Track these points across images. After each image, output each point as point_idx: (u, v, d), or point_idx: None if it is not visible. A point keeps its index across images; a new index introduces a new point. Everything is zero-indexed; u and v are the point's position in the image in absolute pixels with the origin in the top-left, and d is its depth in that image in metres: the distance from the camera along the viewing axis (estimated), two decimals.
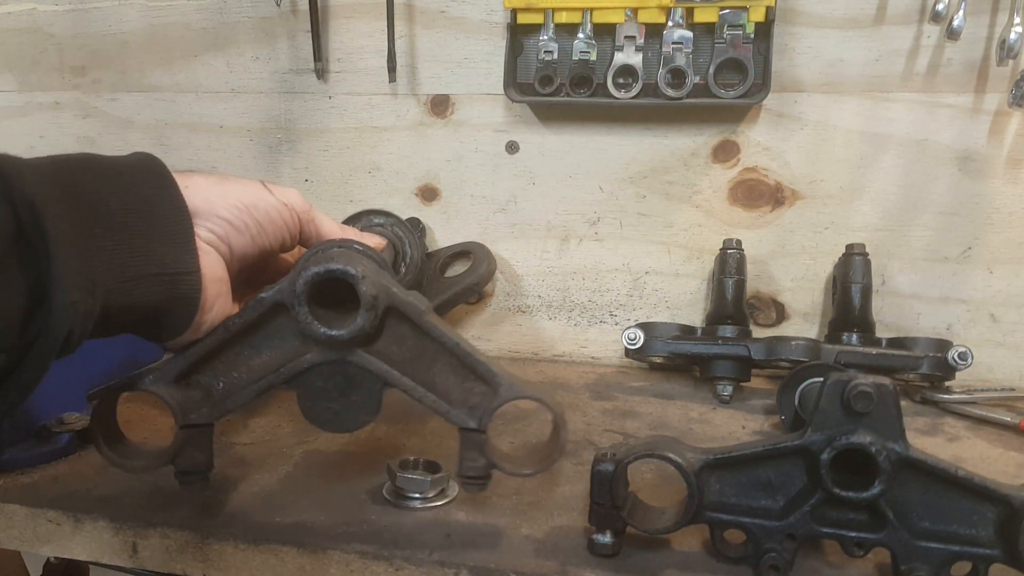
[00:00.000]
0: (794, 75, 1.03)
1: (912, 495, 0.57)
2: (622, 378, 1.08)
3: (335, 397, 0.62)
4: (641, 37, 1.00)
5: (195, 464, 0.62)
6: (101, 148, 1.25)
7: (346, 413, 0.62)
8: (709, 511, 0.59)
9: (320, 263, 0.57)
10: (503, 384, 0.60)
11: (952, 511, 0.57)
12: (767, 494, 0.59)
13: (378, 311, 0.58)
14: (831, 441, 0.56)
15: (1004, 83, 0.97)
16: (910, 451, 0.56)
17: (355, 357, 0.60)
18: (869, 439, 0.55)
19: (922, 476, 0.57)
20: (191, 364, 0.62)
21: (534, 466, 0.61)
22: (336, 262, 0.57)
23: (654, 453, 0.60)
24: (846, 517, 0.58)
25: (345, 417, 0.62)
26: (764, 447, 0.59)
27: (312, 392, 0.62)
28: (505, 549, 0.62)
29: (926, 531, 0.57)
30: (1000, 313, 1.03)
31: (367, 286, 0.57)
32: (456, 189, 1.15)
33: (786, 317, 1.09)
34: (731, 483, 0.60)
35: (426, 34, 1.11)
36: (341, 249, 0.63)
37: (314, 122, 1.18)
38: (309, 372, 0.61)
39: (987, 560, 0.56)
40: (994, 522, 0.56)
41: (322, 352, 0.60)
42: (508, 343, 1.17)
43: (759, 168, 1.06)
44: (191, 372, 0.63)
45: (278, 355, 0.62)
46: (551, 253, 1.14)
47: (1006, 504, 0.55)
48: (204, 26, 1.18)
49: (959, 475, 0.56)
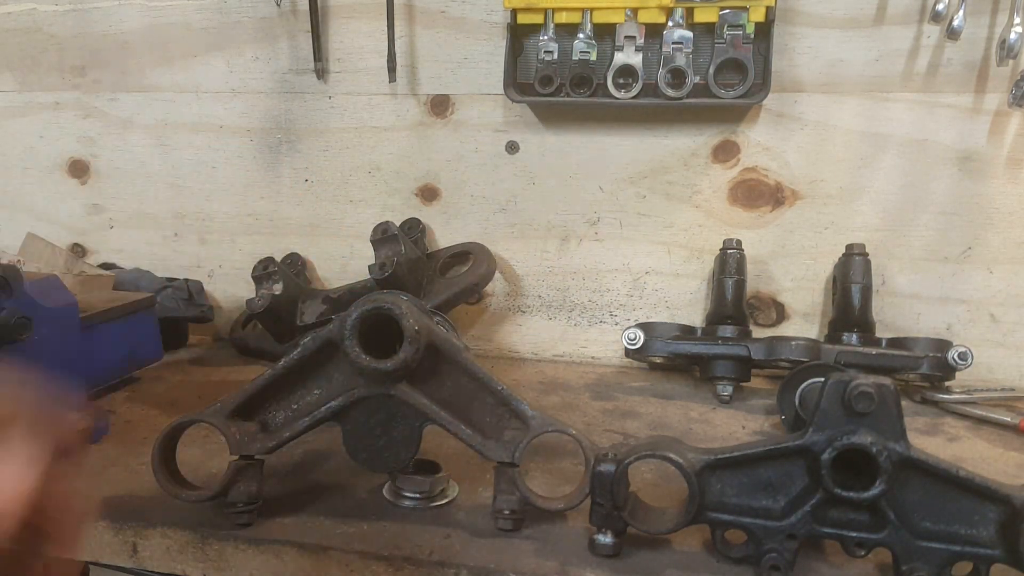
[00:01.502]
0: (794, 75, 1.03)
1: (913, 495, 0.57)
2: (622, 378, 1.08)
3: (378, 434, 0.66)
4: (641, 37, 1.00)
5: (247, 495, 0.66)
6: (101, 148, 1.26)
7: (388, 451, 0.67)
8: (710, 511, 0.59)
9: (367, 303, 0.63)
10: (534, 418, 0.65)
11: (953, 511, 0.57)
12: (768, 494, 0.59)
13: (420, 345, 0.63)
14: (832, 441, 0.56)
15: (1004, 83, 0.97)
16: (911, 451, 0.56)
17: (398, 392, 0.65)
18: (870, 439, 0.55)
19: (923, 476, 0.57)
20: (248, 399, 0.67)
21: (565, 501, 0.64)
22: (382, 302, 0.63)
23: (655, 453, 0.59)
24: (847, 517, 0.58)
25: (387, 455, 0.66)
26: (765, 447, 0.59)
27: (357, 428, 0.67)
28: (505, 549, 0.62)
29: (927, 531, 0.57)
30: (1000, 313, 1.03)
31: (410, 321, 0.62)
32: (456, 189, 1.15)
33: (786, 317, 1.09)
34: (732, 483, 0.60)
35: (426, 34, 1.11)
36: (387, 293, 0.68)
37: (314, 122, 1.17)
38: (355, 407, 0.66)
39: (988, 560, 0.56)
40: (995, 522, 0.56)
41: (368, 387, 0.65)
42: (508, 343, 1.17)
43: (759, 168, 1.06)
44: (247, 407, 0.68)
45: (328, 390, 0.68)
46: (551, 253, 1.14)
47: (1007, 504, 0.55)
48: (204, 26, 1.18)
49: (960, 475, 0.56)
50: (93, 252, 1.29)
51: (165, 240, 1.27)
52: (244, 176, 1.22)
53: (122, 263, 1.26)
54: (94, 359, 0.91)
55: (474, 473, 0.74)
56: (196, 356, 1.16)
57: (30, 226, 1.26)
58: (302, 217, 1.21)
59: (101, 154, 1.26)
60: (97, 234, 1.29)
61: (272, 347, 1.08)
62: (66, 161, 1.28)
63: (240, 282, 1.23)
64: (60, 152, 1.28)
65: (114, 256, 1.28)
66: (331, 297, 1.08)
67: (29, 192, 1.30)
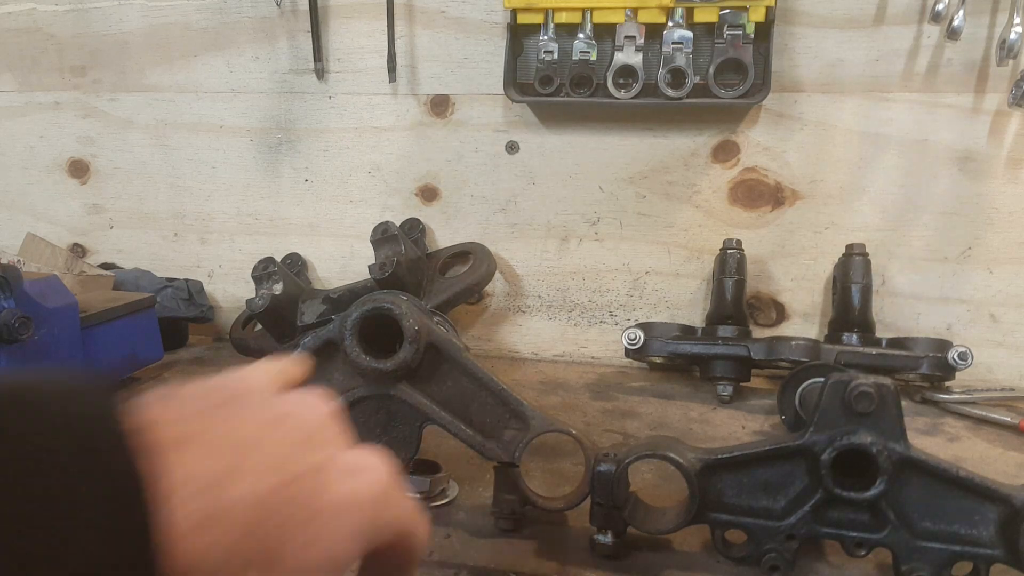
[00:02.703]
0: (794, 75, 1.03)
1: (913, 495, 0.57)
2: (622, 378, 1.08)
3: (377, 434, 0.66)
4: (641, 37, 1.00)
5: None
6: (101, 148, 1.26)
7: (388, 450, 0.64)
8: (710, 511, 0.59)
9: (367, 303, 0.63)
10: (534, 418, 0.65)
11: (953, 511, 0.57)
12: (768, 494, 0.59)
13: (420, 345, 0.63)
14: (832, 441, 0.56)
15: (1004, 83, 0.97)
16: (911, 451, 0.56)
17: (398, 392, 0.65)
18: (870, 439, 0.55)
19: (923, 476, 0.57)
20: None
21: (565, 501, 0.64)
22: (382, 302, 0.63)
23: (655, 453, 0.60)
24: (847, 517, 0.58)
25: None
26: (765, 447, 0.59)
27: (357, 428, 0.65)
28: (505, 549, 0.62)
29: (927, 531, 0.57)
30: (1000, 313, 1.03)
31: (410, 321, 0.62)
32: (456, 189, 1.15)
33: (786, 317, 1.09)
34: (732, 483, 0.60)
35: (426, 34, 1.11)
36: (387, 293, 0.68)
37: (314, 122, 1.17)
38: (355, 407, 0.66)
39: (988, 560, 0.56)
40: (995, 522, 0.56)
41: (368, 387, 0.65)
42: (508, 343, 1.17)
43: (759, 168, 1.06)
44: None
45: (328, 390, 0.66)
46: (551, 253, 1.14)
47: (1007, 504, 0.55)
48: (204, 26, 1.18)
49: (960, 475, 0.56)
50: (93, 252, 1.29)
51: (165, 240, 1.27)
52: (244, 176, 1.22)
53: (122, 263, 1.26)
54: (94, 359, 0.91)
55: (474, 473, 0.74)
56: (196, 356, 1.16)
57: (30, 226, 1.26)
58: (302, 217, 1.21)
59: (101, 154, 1.26)
60: (97, 234, 1.29)
61: (272, 347, 1.08)
62: (66, 161, 1.28)
63: (240, 282, 1.23)
64: (60, 152, 1.28)
65: (114, 256, 1.28)
66: (331, 297, 1.08)
67: (29, 192, 1.30)
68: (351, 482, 0.34)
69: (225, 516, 0.28)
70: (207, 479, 0.28)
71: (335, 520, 0.32)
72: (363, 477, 0.35)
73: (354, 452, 0.36)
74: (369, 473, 0.35)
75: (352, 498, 0.33)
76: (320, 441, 0.34)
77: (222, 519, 0.28)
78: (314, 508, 0.31)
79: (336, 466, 0.34)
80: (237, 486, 0.29)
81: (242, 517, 0.28)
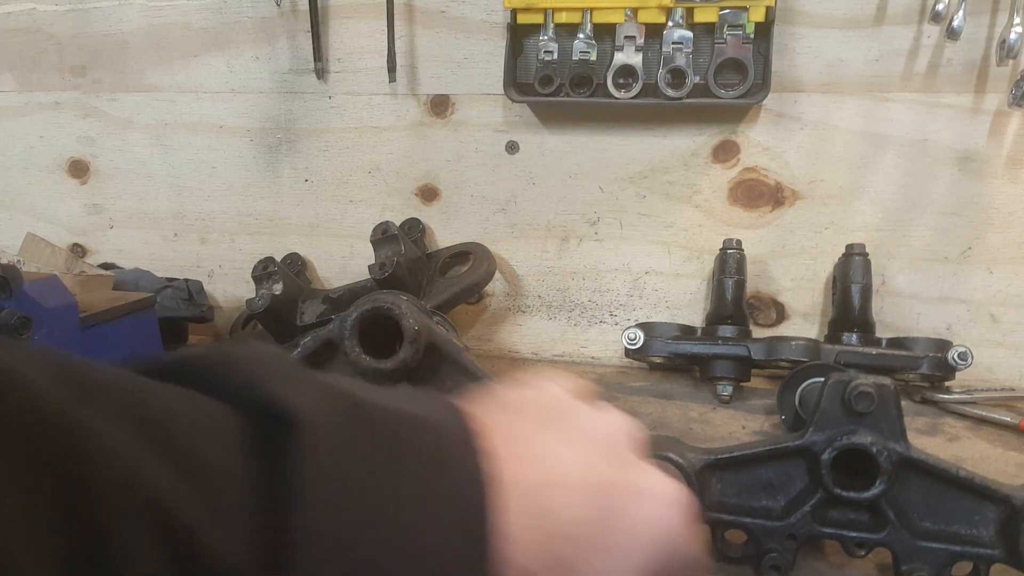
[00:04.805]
0: (794, 75, 1.03)
1: (913, 495, 0.57)
2: (622, 378, 1.08)
3: None
4: (641, 37, 1.00)
5: None
6: (101, 148, 1.26)
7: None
8: (710, 511, 0.59)
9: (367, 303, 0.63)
10: None
11: (953, 511, 0.57)
12: (768, 494, 0.59)
13: (420, 345, 0.63)
14: (832, 441, 0.56)
15: (1004, 83, 0.97)
16: (911, 451, 0.56)
17: None
18: (870, 439, 0.55)
19: (923, 476, 0.57)
20: None
21: None
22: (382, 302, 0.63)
23: (655, 453, 0.59)
24: (847, 517, 0.58)
25: None
26: (765, 447, 0.59)
27: None
28: None
29: (927, 531, 0.57)
30: (1000, 313, 1.03)
31: (410, 321, 0.62)
32: (456, 189, 1.15)
33: (786, 317, 1.09)
34: (732, 483, 0.60)
35: (426, 34, 1.11)
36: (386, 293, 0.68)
37: (314, 122, 1.17)
38: None
39: (988, 560, 0.56)
40: (995, 522, 0.56)
41: None
42: (508, 343, 1.17)
43: (759, 168, 1.06)
44: None
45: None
46: (551, 253, 1.14)
47: (1007, 504, 0.55)
48: (204, 26, 1.18)
49: (960, 475, 0.56)
50: (93, 252, 1.30)
51: (165, 240, 1.27)
52: (244, 176, 1.22)
53: (122, 263, 1.26)
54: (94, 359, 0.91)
55: None
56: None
57: (30, 226, 1.26)
58: (302, 217, 1.21)
59: (101, 154, 1.26)
60: (97, 234, 1.29)
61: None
62: (66, 161, 1.28)
63: (240, 282, 1.23)
64: (60, 152, 1.28)
65: (114, 256, 1.28)
66: (331, 297, 1.08)
67: (29, 192, 1.30)
68: (654, 507, 0.35)
69: (546, 522, 0.31)
70: (532, 487, 0.31)
71: (633, 539, 0.33)
72: (668, 506, 0.35)
73: (660, 478, 0.36)
74: (676, 507, 0.35)
75: (654, 524, 0.34)
76: (628, 461, 0.36)
77: (544, 525, 0.30)
78: (618, 526, 0.33)
79: (640, 487, 0.35)
80: (557, 496, 0.31)
81: (559, 528, 0.31)
